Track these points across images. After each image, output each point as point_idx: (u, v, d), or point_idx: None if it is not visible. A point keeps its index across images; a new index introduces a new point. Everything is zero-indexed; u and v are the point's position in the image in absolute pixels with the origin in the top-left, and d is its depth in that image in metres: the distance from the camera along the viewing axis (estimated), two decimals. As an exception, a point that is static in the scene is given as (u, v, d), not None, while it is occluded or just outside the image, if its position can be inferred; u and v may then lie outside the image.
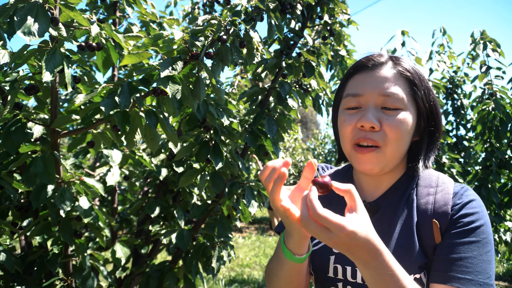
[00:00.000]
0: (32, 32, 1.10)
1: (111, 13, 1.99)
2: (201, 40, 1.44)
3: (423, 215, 0.88)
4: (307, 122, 29.84)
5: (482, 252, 0.81)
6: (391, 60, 0.93)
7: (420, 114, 0.91)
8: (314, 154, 13.37)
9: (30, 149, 1.57)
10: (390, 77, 0.89)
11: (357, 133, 0.88)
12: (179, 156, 1.91)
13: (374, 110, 0.87)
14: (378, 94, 0.88)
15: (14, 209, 1.74)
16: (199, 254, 2.07)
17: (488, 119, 3.98)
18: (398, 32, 4.14)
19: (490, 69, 4.06)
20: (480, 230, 0.82)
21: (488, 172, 4.14)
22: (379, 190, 0.97)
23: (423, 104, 0.91)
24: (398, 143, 0.87)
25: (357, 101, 0.90)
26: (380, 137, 0.86)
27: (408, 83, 0.90)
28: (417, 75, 0.92)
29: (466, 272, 0.79)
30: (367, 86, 0.90)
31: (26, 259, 1.76)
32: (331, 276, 0.93)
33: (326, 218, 0.66)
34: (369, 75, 0.91)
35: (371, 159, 0.87)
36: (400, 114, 0.87)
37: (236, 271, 5.83)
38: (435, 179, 0.94)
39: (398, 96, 0.87)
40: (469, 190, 0.89)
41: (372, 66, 0.91)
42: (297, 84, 2.40)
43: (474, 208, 0.85)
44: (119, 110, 1.36)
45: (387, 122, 0.86)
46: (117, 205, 2.41)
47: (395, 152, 0.88)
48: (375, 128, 0.86)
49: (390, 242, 0.88)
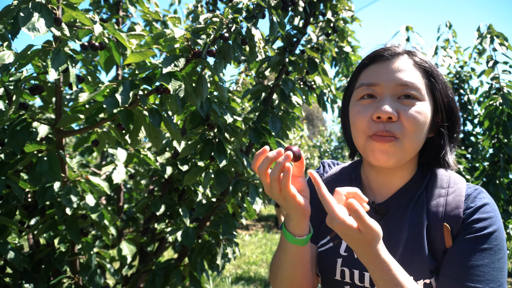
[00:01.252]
0: (36, 28, 1.12)
1: (114, 12, 2.00)
2: (203, 38, 1.45)
3: (434, 218, 0.84)
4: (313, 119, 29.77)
5: (494, 260, 0.78)
6: (406, 53, 0.90)
7: (438, 107, 0.88)
8: (320, 151, 13.34)
9: (35, 149, 1.59)
10: (407, 67, 0.86)
11: (373, 126, 0.84)
12: (183, 154, 1.92)
13: (391, 101, 0.84)
14: (396, 83, 0.84)
15: (22, 208, 1.76)
16: (204, 251, 2.08)
17: (496, 114, 3.93)
18: (403, 28, 4.11)
19: (497, 63, 4.01)
20: (493, 237, 0.79)
21: (496, 168, 4.10)
22: (390, 190, 0.93)
23: (441, 98, 0.87)
24: (416, 135, 0.83)
25: (372, 90, 0.87)
26: (398, 128, 0.82)
27: (426, 74, 0.87)
28: (434, 68, 0.89)
29: (477, 280, 0.76)
30: (384, 75, 0.86)
31: (34, 257, 1.78)
32: (338, 279, 0.91)
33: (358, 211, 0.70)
34: (385, 64, 0.87)
35: (388, 149, 0.83)
36: (418, 104, 0.84)
37: (242, 268, 5.85)
38: (447, 179, 0.90)
39: (416, 85, 0.84)
40: (483, 193, 0.85)
41: (389, 56, 0.88)
42: (302, 81, 2.39)
43: (488, 213, 0.81)
44: (123, 108, 1.37)
45: (405, 113, 0.82)
46: (123, 203, 2.43)
47: (413, 145, 0.84)
48: (393, 118, 0.82)
49: (399, 245, 0.85)
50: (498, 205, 4.07)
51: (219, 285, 4.88)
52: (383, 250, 0.74)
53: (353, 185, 0.99)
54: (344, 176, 1.04)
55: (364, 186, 0.99)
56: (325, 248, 0.96)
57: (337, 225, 0.71)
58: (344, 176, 1.04)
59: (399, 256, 0.83)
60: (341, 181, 1.03)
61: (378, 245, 0.73)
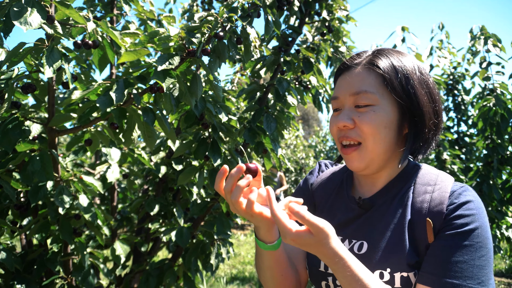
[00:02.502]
0: (28, 22, 1.12)
1: (109, 11, 1.99)
2: (197, 37, 1.44)
3: (418, 214, 0.86)
4: (309, 119, 29.81)
5: (475, 257, 0.78)
6: (368, 57, 0.93)
7: (401, 105, 0.89)
8: (316, 151, 13.36)
9: (28, 148, 1.57)
10: (360, 76, 0.91)
11: (339, 134, 0.93)
12: (177, 154, 1.91)
13: (348, 111, 0.91)
14: (349, 94, 0.91)
15: (14, 208, 1.74)
16: (198, 251, 2.07)
17: (489, 115, 3.96)
18: (398, 28, 4.12)
19: (490, 64, 4.04)
20: (475, 234, 0.80)
21: (490, 169, 4.12)
22: (376, 187, 0.97)
23: (399, 96, 0.88)
24: (375, 137, 0.88)
25: (337, 103, 0.95)
26: (356, 134, 0.90)
27: (379, 78, 0.89)
28: (391, 67, 0.90)
29: (454, 276, 0.77)
30: (341, 88, 0.94)
31: (26, 257, 1.77)
32: (322, 271, 0.95)
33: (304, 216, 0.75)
34: (343, 77, 0.95)
35: (355, 157, 0.91)
36: (372, 109, 0.88)
37: (237, 268, 5.84)
38: (435, 177, 0.91)
39: (367, 92, 0.89)
40: (468, 191, 0.86)
41: (345, 68, 0.95)
42: (297, 81, 2.39)
43: (471, 210, 0.82)
44: (116, 107, 1.36)
45: (359, 119, 0.89)
46: (117, 203, 2.42)
47: (376, 146, 0.89)
48: (349, 126, 0.90)
49: (379, 238, 0.88)
50: (491, 206, 4.10)
51: (214, 285, 4.87)
52: (340, 247, 0.77)
53: (345, 184, 1.05)
54: (337, 176, 1.09)
55: (355, 184, 1.04)
56: None
57: (291, 237, 0.75)
58: (337, 176, 1.09)
59: (381, 249, 0.86)
60: (335, 180, 1.09)
61: (332, 242, 0.76)
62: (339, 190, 1.05)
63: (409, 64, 0.91)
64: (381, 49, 0.95)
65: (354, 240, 0.92)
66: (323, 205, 1.05)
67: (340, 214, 0.99)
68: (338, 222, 0.97)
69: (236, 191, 0.81)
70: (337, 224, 0.97)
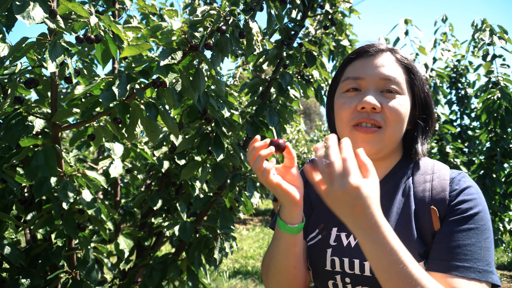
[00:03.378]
0: (31, 16, 1.11)
1: (110, 5, 1.97)
2: (200, 31, 1.43)
3: (421, 203, 0.88)
4: (311, 113, 29.76)
5: (481, 239, 0.80)
6: (389, 50, 0.97)
7: (416, 102, 0.95)
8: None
9: (31, 143, 1.57)
10: (389, 63, 0.93)
11: (358, 115, 0.90)
12: (180, 148, 1.91)
13: (374, 93, 0.90)
14: (379, 77, 0.91)
15: (18, 203, 1.75)
16: (201, 246, 2.08)
17: (493, 108, 3.94)
18: (401, 21, 4.10)
19: (495, 57, 4.00)
20: (478, 217, 0.82)
21: (493, 162, 4.11)
22: None
23: (419, 93, 0.95)
24: (397, 125, 0.90)
25: (357, 84, 0.93)
26: (381, 118, 0.89)
27: (406, 70, 0.94)
28: (413, 65, 0.97)
29: (465, 260, 0.78)
30: (368, 70, 0.93)
31: (30, 252, 1.78)
32: (329, 270, 0.93)
33: (360, 155, 0.73)
34: (370, 59, 0.94)
35: (372, 139, 0.89)
36: (399, 98, 0.90)
37: (240, 262, 5.87)
38: (431, 166, 0.94)
39: (397, 80, 0.91)
40: (466, 177, 0.89)
41: (373, 52, 0.95)
42: (299, 75, 2.38)
43: (472, 195, 0.85)
44: (119, 102, 1.36)
45: (387, 105, 0.89)
46: (120, 198, 2.42)
47: (394, 134, 0.90)
48: (377, 109, 0.88)
49: None
50: (494, 199, 4.09)
51: (217, 279, 4.90)
52: (380, 214, 0.72)
53: None
54: None
55: None
56: (315, 241, 0.99)
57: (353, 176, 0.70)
58: None
59: None
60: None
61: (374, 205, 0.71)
62: None
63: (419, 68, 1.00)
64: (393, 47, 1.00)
65: None
66: (322, 203, 1.03)
67: None
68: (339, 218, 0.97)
69: (257, 160, 0.82)
70: (339, 219, 0.96)
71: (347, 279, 0.91)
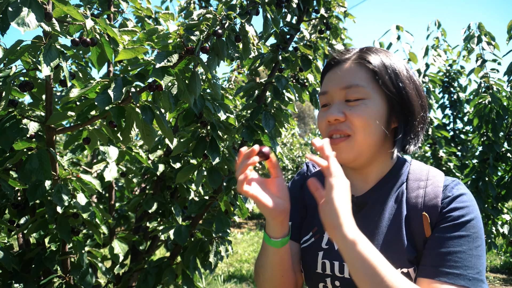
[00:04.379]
0: (26, 23, 1.10)
1: (106, 8, 1.97)
2: (196, 35, 1.43)
3: (413, 209, 0.88)
4: (305, 117, 29.84)
5: (472, 247, 0.80)
6: (357, 53, 0.96)
7: (390, 100, 0.92)
8: (312, 150, 13.38)
9: (25, 146, 1.56)
10: (350, 70, 0.93)
11: (329, 128, 0.94)
12: (175, 152, 1.91)
13: (338, 105, 0.92)
14: (339, 88, 0.93)
15: (11, 207, 1.73)
16: (196, 249, 2.07)
17: (485, 112, 3.98)
18: (393, 27, 4.14)
19: (485, 62, 4.05)
20: (470, 225, 0.81)
21: (485, 166, 4.15)
22: (368, 185, 0.98)
23: (389, 90, 0.91)
24: (366, 129, 0.89)
25: (325, 98, 0.96)
26: (347, 126, 0.90)
27: (370, 73, 0.92)
28: (380, 63, 0.93)
29: (455, 266, 0.78)
30: (331, 82, 0.95)
31: (24, 256, 1.76)
32: (320, 272, 0.94)
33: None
34: (332, 72, 0.96)
35: (343, 148, 0.91)
36: (363, 102, 0.90)
37: (235, 266, 5.85)
38: (426, 172, 0.94)
39: (358, 86, 0.91)
40: (460, 184, 0.89)
41: (335, 63, 0.97)
42: (294, 79, 2.39)
43: (464, 202, 0.84)
44: (114, 105, 1.36)
45: (350, 112, 0.90)
46: (114, 201, 2.41)
47: (366, 139, 0.90)
48: (340, 119, 0.91)
49: (377, 235, 0.88)
50: (487, 202, 4.13)
51: (212, 283, 4.87)
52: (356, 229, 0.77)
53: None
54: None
55: None
56: (308, 243, 1.00)
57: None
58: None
59: (379, 246, 0.87)
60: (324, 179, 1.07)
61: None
62: None
63: (396, 61, 0.95)
64: (369, 47, 0.99)
65: None
66: (315, 206, 1.05)
67: None
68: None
69: (237, 170, 0.84)
70: None
71: (337, 282, 0.91)
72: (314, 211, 1.04)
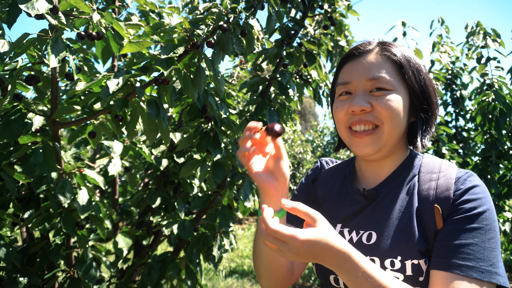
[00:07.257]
0: (35, 7, 1.11)
1: (110, 2, 1.97)
2: (202, 29, 1.43)
3: (425, 201, 0.87)
4: (306, 113, 29.81)
5: (485, 239, 0.79)
6: (379, 46, 0.96)
7: (412, 94, 0.93)
8: (313, 146, 13.37)
9: (30, 140, 1.56)
10: (376, 62, 0.93)
11: (350, 117, 0.93)
12: (180, 147, 1.91)
13: (363, 95, 0.91)
14: (366, 79, 0.91)
15: (15, 201, 1.74)
16: (200, 244, 2.07)
17: (488, 110, 3.97)
18: (399, 23, 4.12)
19: (490, 60, 4.04)
20: (483, 217, 0.81)
21: (488, 163, 4.14)
22: (380, 177, 0.98)
23: (413, 84, 0.92)
24: (392, 121, 0.89)
25: (347, 88, 0.95)
26: (374, 117, 0.90)
27: (395, 66, 0.93)
28: (404, 57, 0.94)
29: (467, 259, 0.77)
30: (355, 73, 0.94)
31: (28, 250, 1.76)
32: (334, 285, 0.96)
33: (278, 231, 0.71)
34: (356, 62, 0.95)
35: (367, 141, 0.91)
36: (389, 94, 0.90)
37: (236, 262, 5.86)
38: (438, 165, 0.93)
39: (384, 78, 0.90)
40: (473, 176, 0.87)
41: (359, 54, 0.95)
42: (297, 75, 2.38)
43: (477, 194, 0.83)
44: (120, 98, 1.35)
45: (377, 102, 0.89)
46: (118, 196, 2.41)
47: (391, 131, 0.90)
48: (366, 110, 0.90)
49: (388, 227, 0.88)
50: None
51: (213, 278, 4.89)
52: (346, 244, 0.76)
53: (347, 178, 1.06)
54: (340, 171, 1.11)
55: (358, 177, 1.05)
56: None
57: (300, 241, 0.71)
58: (340, 171, 1.11)
59: (390, 237, 0.87)
60: (337, 176, 1.10)
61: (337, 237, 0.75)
62: (343, 184, 1.05)
63: (416, 58, 0.96)
64: (388, 42, 0.98)
65: (361, 231, 0.92)
66: (328, 201, 1.05)
67: (346, 207, 0.99)
68: (345, 216, 0.98)
69: (240, 139, 0.86)
70: (344, 217, 0.98)
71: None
72: (326, 207, 1.05)
